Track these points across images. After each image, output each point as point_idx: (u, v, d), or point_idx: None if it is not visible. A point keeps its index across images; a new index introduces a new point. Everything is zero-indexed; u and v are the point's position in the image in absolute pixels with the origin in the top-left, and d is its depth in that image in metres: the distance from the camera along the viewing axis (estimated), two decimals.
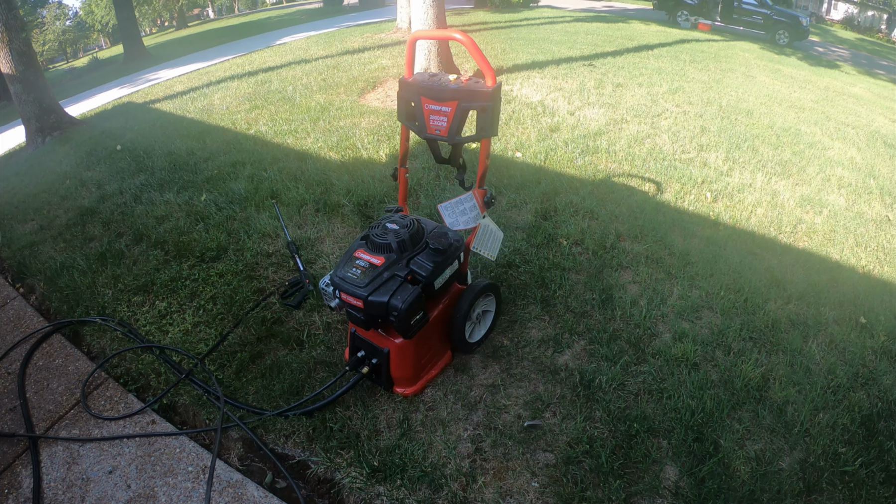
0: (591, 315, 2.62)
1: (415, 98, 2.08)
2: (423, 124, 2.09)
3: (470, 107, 1.96)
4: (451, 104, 1.98)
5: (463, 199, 2.09)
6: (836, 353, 2.53)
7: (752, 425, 2.13)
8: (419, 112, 2.08)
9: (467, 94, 1.94)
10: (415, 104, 2.09)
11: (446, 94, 1.98)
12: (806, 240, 3.44)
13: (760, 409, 2.19)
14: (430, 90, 2.01)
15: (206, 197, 3.80)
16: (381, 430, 2.08)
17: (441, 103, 2.00)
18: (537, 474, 1.92)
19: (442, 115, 2.02)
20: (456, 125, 2.00)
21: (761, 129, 5.24)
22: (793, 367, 2.42)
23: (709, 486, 1.89)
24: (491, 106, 1.92)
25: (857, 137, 5.58)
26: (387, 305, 1.84)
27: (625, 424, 2.09)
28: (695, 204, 3.67)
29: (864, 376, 2.39)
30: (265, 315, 2.67)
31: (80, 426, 2.16)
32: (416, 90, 2.06)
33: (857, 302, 2.89)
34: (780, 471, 1.98)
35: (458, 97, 1.96)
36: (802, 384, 2.33)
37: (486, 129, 1.97)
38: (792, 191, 4.04)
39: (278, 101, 6.25)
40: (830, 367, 2.44)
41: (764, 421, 2.15)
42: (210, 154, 4.68)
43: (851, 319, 2.76)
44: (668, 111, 5.50)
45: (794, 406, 2.22)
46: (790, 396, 2.25)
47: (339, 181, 3.91)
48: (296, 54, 9.67)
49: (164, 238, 3.35)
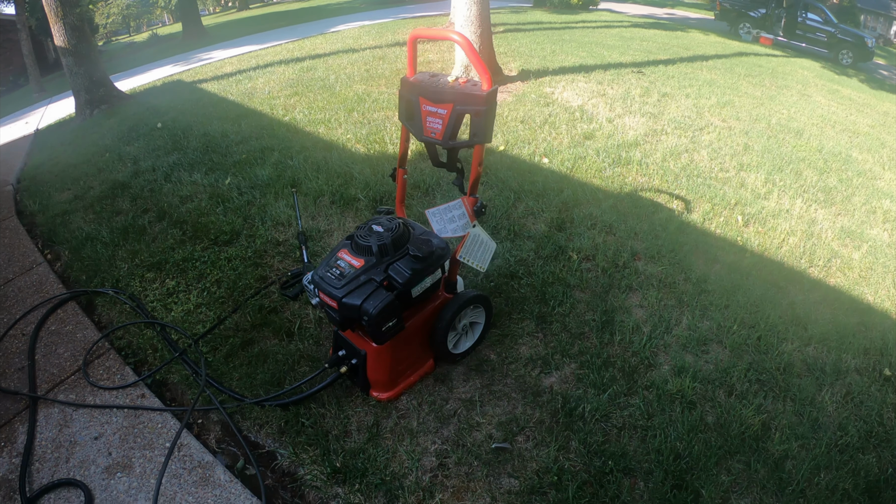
0: (587, 337, 2.52)
1: (414, 98, 2.04)
2: (419, 126, 2.04)
3: (464, 111, 1.90)
4: (447, 107, 1.93)
5: (452, 206, 2.04)
6: (851, 407, 2.31)
7: (743, 478, 1.97)
8: (417, 113, 2.04)
9: (462, 98, 1.88)
10: (414, 105, 2.05)
11: (443, 95, 1.93)
12: (839, 276, 3.17)
13: (755, 460, 2.02)
14: (428, 91, 1.97)
15: (230, 180, 3.91)
16: (351, 431, 2.07)
17: (438, 105, 1.96)
18: (498, 500, 1.86)
19: (438, 118, 1.97)
20: (451, 129, 1.95)
21: (809, 151, 4.88)
22: (800, 418, 2.23)
23: None
24: (485, 111, 1.86)
25: None
26: (359, 309, 1.82)
27: (600, 459, 1.98)
28: (723, 227, 3.46)
29: (878, 436, 2.18)
30: (263, 303, 2.72)
31: (77, 391, 2.28)
32: (416, 90, 2.02)
33: (884, 351, 2.64)
34: None
35: (453, 100, 1.91)
36: (807, 438, 2.14)
37: (478, 135, 1.91)
38: (832, 221, 3.74)
39: (318, 89, 6.33)
40: (842, 423, 2.23)
41: (757, 474, 1.98)
42: (243, 138, 4.81)
43: (875, 370, 2.53)
44: (712, 125, 5.21)
45: (793, 461, 2.04)
46: (791, 450, 2.07)
47: (360, 175, 3.92)
48: (346, 43, 9.74)
49: (184, 218, 3.47)
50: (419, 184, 3.77)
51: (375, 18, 13.44)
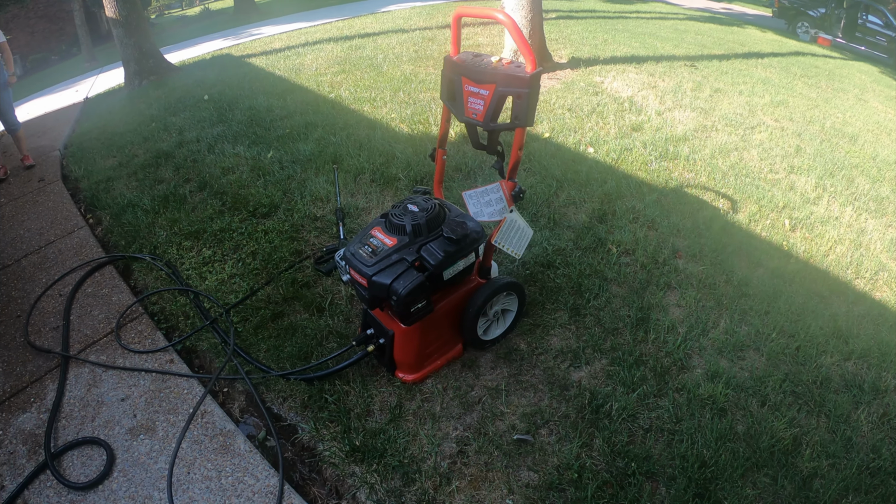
0: (621, 333, 2.45)
1: (456, 78, 1.99)
2: (461, 106, 2.00)
3: (507, 92, 1.85)
4: (489, 87, 1.88)
5: (489, 189, 2.00)
6: (887, 429, 2.18)
7: (769, 493, 1.89)
8: (459, 93, 2.00)
9: (504, 79, 1.83)
10: (456, 85, 2.01)
11: (485, 76, 1.88)
12: (885, 290, 2.99)
13: (782, 475, 1.94)
14: (470, 71, 1.92)
15: (272, 154, 3.96)
16: (373, 410, 2.08)
17: (480, 86, 1.91)
18: (514, 492, 1.84)
19: (479, 99, 1.93)
20: (492, 110, 1.90)
21: (863, 158, 4.59)
22: (833, 435, 2.12)
23: None
24: (527, 93, 1.80)
25: None
26: (388, 288, 1.82)
27: (623, 460, 1.93)
28: (769, 230, 3.30)
29: None
30: (296, 277, 2.75)
31: (108, 353, 2.36)
32: (458, 70, 1.97)
33: None
34: None
35: (495, 81, 1.85)
36: (838, 457, 2.03)
37: (520, 118, 1.86)
38: (882, 232, 3.52)
39: (365, 68, 6.31)
40: (875, 445, 2.10)
41: (783, 490, 1.90)
42: (287, 113, 4.85)
43: None
44: (764, 124, 4.96)
45: (821, 480, 1.94)
46: (820, 469, 1.97)
47: (402, 154, 3.91)
48: (396, 23, 9.69)
49: (225, 189, 3.54)
50: (461, 166, 3.73)
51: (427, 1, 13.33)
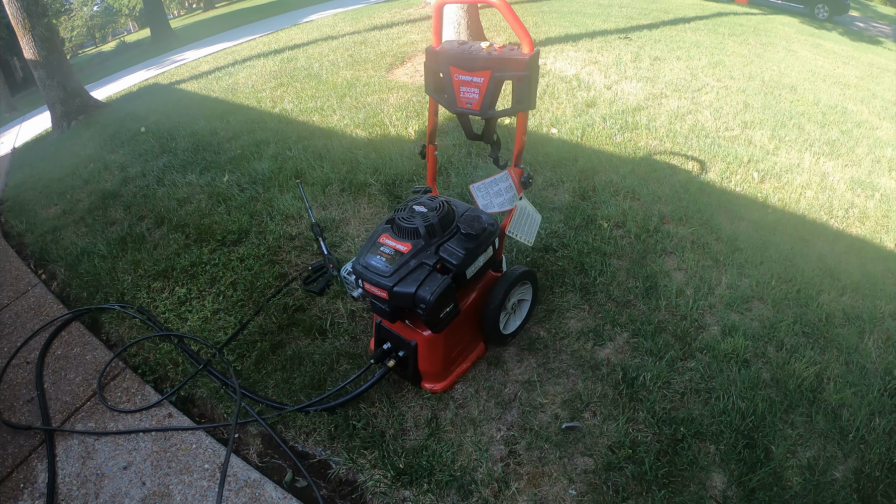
0: (634, 305, 2.43)
1: (443, 69, 1.89)
2: (452, 97, 1.90)
3: (504, 77, 1.77)
4: (484, 74, 1.79)
5: (498, 178, 1.91)
6: (894, 352, 2.30)
7: (805, 430, 1.94)
8: (448, 84, 1.89)
9: (501, 64, 1.74)
10: (443, 75, 1.90)
11: (478, 63, 1.78)
12: (858, 226, 3.16)
13: (814, 412, 2.00)
14: (460, 59, 1.82)
15: (228, 178, 3.70)
16: (408, 428, 1.95)
17: (472, 73, 1.81)
18: (575, 481, 1.77)
19: (473, 87, 1.83)
20: (489, 97, 1.81)
21: (806, 105, 4.87)
22: (848, 367, 2.20)
23: (759, 497, 1.72)
24: (527, 76, 1.72)
25: None
26: (413, 297, 1.69)
27: (670, 427, 1.92)
28: (741, 185, 3.41)
29: None
30: (287, 302, 2.56)
31: (96, 419, 2.09)
32: (445, 60, 1.87)
33: None
34: (834, 481, 1.80)
35: (490, 66, 1.76)
36: (858, 385, 2.12)
37: (522, 102, 1.78)
38: (841, 172, 3.72)
39: (304, 79, 6.11)
40: (887, 368, 2.21)
41: (818, 425, 1.96)
42: (234, 133, 4.59)
43: None
44: (708, 86, 5.16)
45: (849, 410, 2.02)
46: (846, 399, 2.05)
47: (366, 159, 3.75)
48: (322, 31, 9.50)
49: (185, 221, 3.27)
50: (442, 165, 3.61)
51: (348, 5, 13.18)
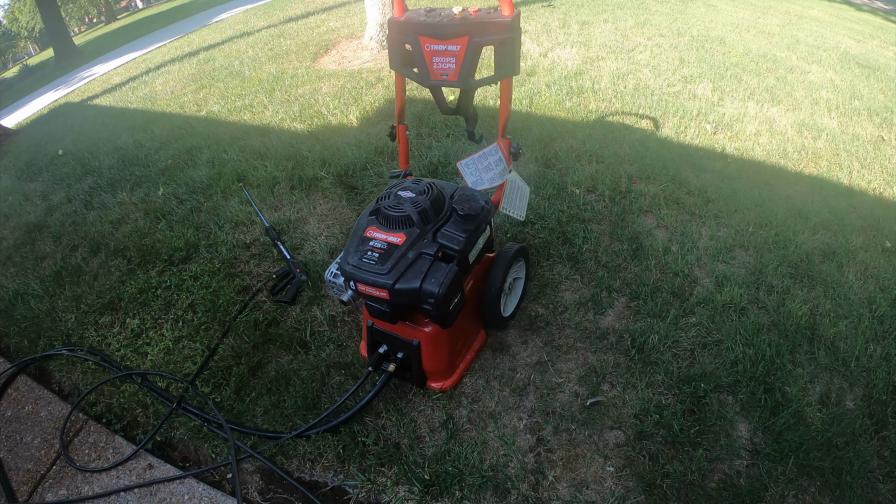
0: (625, 268, 2.37)
1: (411, 40, 1.69)
2: (424, 70, 1.71)
3: (483, 42, 1.60)
4: (460, 41, 1.61)
5: (487, 152, 1.76)
6: (872, 281, 2.41)
7: (811, 367, 1.98)
8: (419, 56, 1.70)
9: (480, 28, 1.58)
10: (411, 47, 1.71)
11: (452, 29, 1.60)
12: (813, 166, 3.28)
13: (816, 348, 2.05)
14: (431, 28, 1.63)
15: (163, 191, 3.31)
16: (423, 435, 1.79)
17: (447, 42, 1.63)
18: (610, 457, 1.70)
19: (449, 56, 1.65)
20: (467, 66, 1.64)
21: (738, 56, 5.03)
22: (835, 301, 2.27)
23: (787, 438, 1.73)
24: (511, 38, 1.57)
25: (830, 59, 5.45)
26: (419, 292, 1.51)
27: (689, 385, 1.89)
28: (697, 138, 3.45)
29: None
30: (256, 317, 2.30)
31: (66, 483, 1.78)
32: (413, 30, 1.67)
33: (877, 226, 2.77)
34: (848, 411, 1.85)
35: (468, 32, 1.59)
36: (849, 317, 2.20)
37: (506, 68, 1.62)
38: (786, 117, 3.86)
39: (226, 78, 5.70)
40: (870, 297, 2.32)
41: (821, 360, 2.01)
42: (161, 143, 4.16)
43: (877, 245, 2.65)
44: (641, 45, 5.21)
45: (845, 342, 2.09)
46: (840, 332, 2.12)
47: (311, 152, 3.47)
48: (236, 28, 9.02)
49: (123, 244, 2.88)
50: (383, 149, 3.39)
51: (257, 2, 12.56)
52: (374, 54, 5.64)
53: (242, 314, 2.33)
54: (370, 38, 5.75)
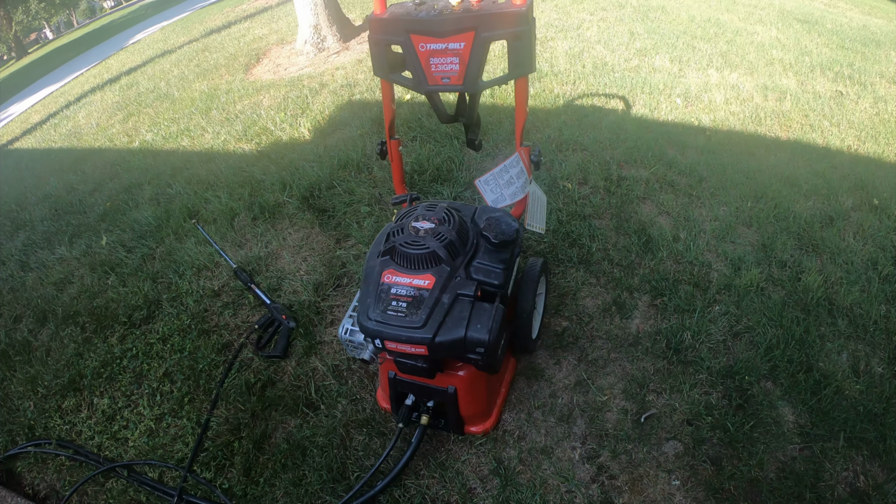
0: (639, 264, 2.25)
1: (401, 39, 1.46)
2: (420, 73, 1.48)
3: (493, 37, 1.39)
4: (465, 37, 1.39)
5: (507, 165, 1.55)
6: (870, 241, 2.42)
7: (836, 336, 1.97)
8: (412, 58, 1.47)
9: (489, 20, 1.36)
10: (402, 48, 1.47)
11: (454, 24, 1.38)
12: (787, 130, 3.29)
13: (837, 317, 2.03)
14: (425, 24, 1.40)
15: (107, 240, 2.90)
16: (474, 487, 1.59)
17: (447, 39, 1.41)
18: (673, 470, 1.59)
19: (451, 56, 1.43)
20: (475, 65, 1.42)
21: (684, 23, 5.05)
22: (843, 267, 2.27)
23: (834, 417, 1.68)
24: (528, 30, 1.38)
25: (770, 18, 5.56)
26: (464, 342, 1.30)
27: (733, 380, 1.81)
28: (671, 113, 3.38)
29: None
30: (247, 379, 2.00)
31: None
32: (402, 27, 1.44)
33: (862, 185, 2.79)
34: (878, 376, 1.83)
35: (474, 25, 1.37)
36: (858, 282, 2.20)
37: (523, 65, 1.43)
38: (748, 81, 3.87)
39: (155, 102, 5.26)
40: (872, 258, 2.33)
41: (843, 330, 2.00)
42: (95, 184, 3.72)
43: (865, 203, 2.67)
44: (586, 21, 5.13)
45: (860, 307, 2.08)
46: (853, 297, 2.11)
47: (267, 175, 3.14)
48: (155, 48, 8.47)
49: (73, 309, 2.49)
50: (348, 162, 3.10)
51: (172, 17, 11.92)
52: (310, 59, 5.27)
53: (229, 378, 2.03)
54: (304, 42, 5.37)
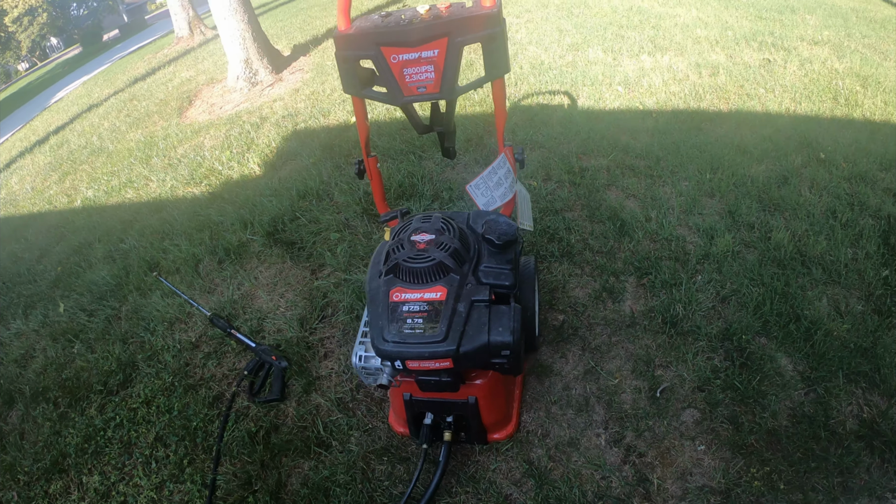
0: (618, 248, 2.31)
1: (371, 53, 1.42)
2: (394, 86, 1.45)
3: (466, 41, 1.38)
4: (438, 44, 1.38)
5: (495, 167, 1.55)
6: (825, 193, 2.58)
7: (813, 285, 2.09)
8: (384, 71, 1.44)
9: (461, 25, 1.36)
10: (373, 62, 1.44)
11: (425, 32, 1.36)
12: (726, 102, 3.48)
13: (813, 269, 2.15)
14: (395, 35, 1.38)
15: (64, 306, 2.68)
16: (510, 493, 1.56)
17: (419, 48, 1.39)
18: (696, 436, 1.63)
19: (425, 64, 1.41)
20: (451, 71, 1.41)
21: (608, 15, 5.27)
22: (805, 220, 2.41)
23: (829, 357, 1.79)
24: (501, 31, 1.38)
25: None
26: (488, 347, 1.28)
27: (731, 341, 1.89)
28: (615, 101, 3.52)
29: (857, 203, 2.47)
30: (248, 429, 1.89)
31: None
32: (372, 41, 1.40)
33: (806, 142, 2.98)
34: (861, 314, 1.96)
35: (447, 31, 1.36)
36: (822, 231, 2.34)
37: (498, 66, 1.43)
38: (682, 62, 4.07)
39: (90, 158, 5.01)
40: (830, 208, 2.49)
41: (819, 278, 2.12)
42: (41, 250, 3.48)
43: (813, 159, 2.84)
44: (514, 24, 5.28)
45: (830, 254, 2.21)
46: (822, 248, 2.24)
47: (225, 216, 3.03)
48: (80, 103, 8.09)
49: (41, 385, 2.29)
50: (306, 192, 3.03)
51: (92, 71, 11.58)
52: (245, 94, 5.14)
53: (228, 430, 1.91)
54: (236, 78, 5.24)
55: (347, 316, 2.22)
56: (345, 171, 3.20)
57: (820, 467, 1.51)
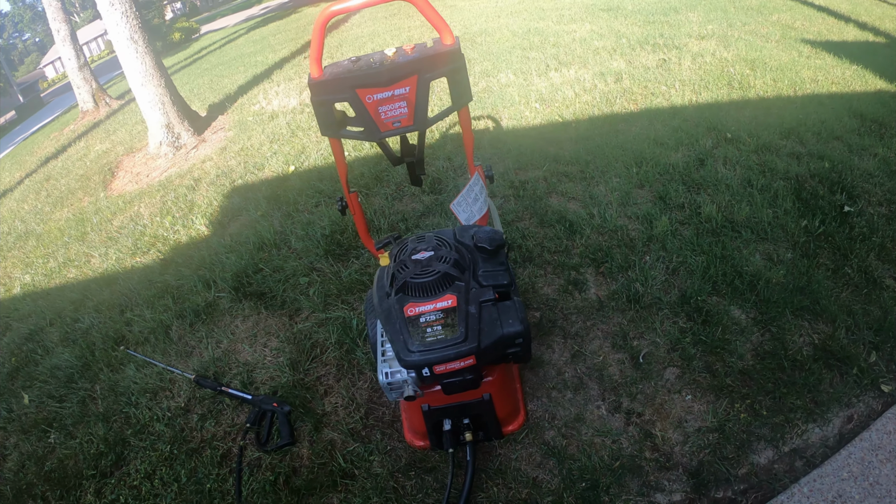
0: (572, 246, 2.55)
1: (347, 96, 1.57)
2: (371, 124, 1.61)
3: (433, 77, 1.57)
4: (409, 82, 1.55)
5: (471, 184, 1.73)
6: (738, 167, 2.97)
7: (746, 246, 2.41)
8: (360, 111, 1.59)
9: (429, 63, 1.54)
10: (351, 103, 1.59)
11: (396, 72, 1.53)
12: (634, 104, 3.90)
13: (739, 231, 2.49)
14: (368, 77, 1.53)
15: (29, 397, 2.50)
16: (537, 476, 1.70)
17: (392, 87, 1.55)
18: (681, 389, 1.87)
19: (398, 101, 1.58)
20: (422, 105, 1.59)
21: (510, 39, 5.71)
22: (727, 192, 2.75)
23: (774, 300, 2.10)
24: (462, 66, 1.58)
25: (579, 14, 6.41)
26: (503, 339, 1.44)
27: (689, 304, 2.15)
28: (535, 118, 3.85)
29: (767, 170, 2.89)
30: (267, 479, 1.89)
31: None
32: (347, 84, 1.55)
33: (713, 126, 3.40)
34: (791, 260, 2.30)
35: (416, 70, 1.54)
36: (743, 199, 2.69)
37: (462, 95, 1.63)
38: (586, 74, 4.51)
39: (17, 243, 4.65)
40: (744, 178, 2.87)
41: (749, 238, 2.45)
42: None
43: (721, 140, 3.26)
44: None
45: (753, 217, 2.57)
46: (746, 213, 2.59)
47: (183, 279, 2.98)
48: None
49: (23, 483, 2.14)
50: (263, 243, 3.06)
51: None
52: (170, 159, 5.05)
53: (245, 484, 1.90)
54: (158, 144, 5.13)
55: (338, 351, 2.28)
56: (296, 219, 3.26)
57: (791, 391, 1.80)
